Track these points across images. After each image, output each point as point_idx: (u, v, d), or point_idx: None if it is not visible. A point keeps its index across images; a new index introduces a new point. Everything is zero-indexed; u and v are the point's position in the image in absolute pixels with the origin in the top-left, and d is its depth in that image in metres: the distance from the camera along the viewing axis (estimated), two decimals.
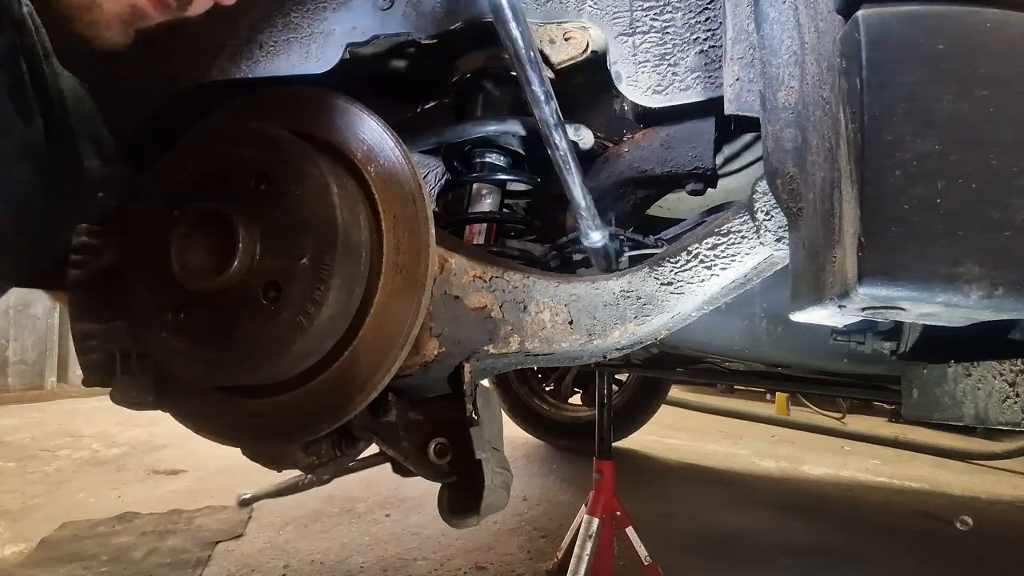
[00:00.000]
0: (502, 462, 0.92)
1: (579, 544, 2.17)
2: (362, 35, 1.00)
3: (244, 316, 0.77)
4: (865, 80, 0.57)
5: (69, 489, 3.19)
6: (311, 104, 0.91)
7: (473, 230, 1.11)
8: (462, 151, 1.14)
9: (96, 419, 4.75)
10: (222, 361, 0.78)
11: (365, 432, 0.88)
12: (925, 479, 4.08)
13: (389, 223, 0.85)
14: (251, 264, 0.76)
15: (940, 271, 0.55)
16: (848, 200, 0.59)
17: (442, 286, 0.91)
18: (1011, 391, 0.81)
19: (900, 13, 0.57)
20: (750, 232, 0.86)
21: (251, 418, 0.86)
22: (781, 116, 0.74)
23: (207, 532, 2.67)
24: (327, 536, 2.68)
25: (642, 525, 2.35)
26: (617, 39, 0.96)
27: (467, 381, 0.89)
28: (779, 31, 0.74)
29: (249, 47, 1.04)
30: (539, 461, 4.04)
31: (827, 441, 5.08)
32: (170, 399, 0.89)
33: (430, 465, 0.87)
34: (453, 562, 2.47)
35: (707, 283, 0.90)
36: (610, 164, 1.07)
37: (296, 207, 0.77)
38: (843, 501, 3.54)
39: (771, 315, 1.64)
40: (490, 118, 1.08)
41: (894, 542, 2.86)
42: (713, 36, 0.93)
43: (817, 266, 0.66)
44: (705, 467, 4.16)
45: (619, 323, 0.92)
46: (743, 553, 2.68)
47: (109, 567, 2.32)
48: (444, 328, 0.91)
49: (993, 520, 3.33)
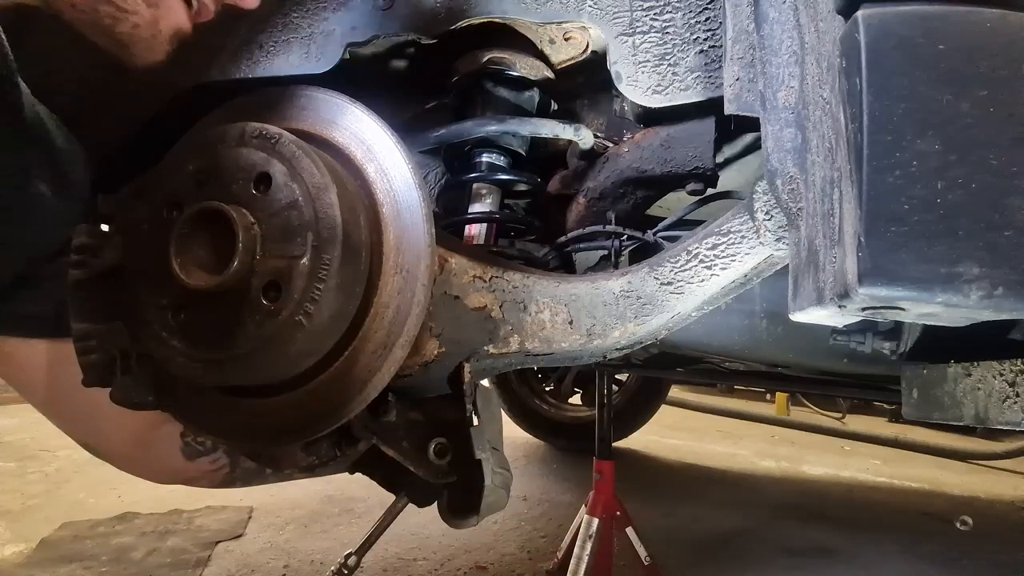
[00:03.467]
0: (502, 462, 0.93)
1: (579, 544, 2.17)
2: (362, 35, 1.00)
3: (244, 316, 0.77)
4: (865, 80, 0.57)
5: (69, 489, 3.19)
6: (311, 104, 0.91)
7: (473, 230, 1.11)
8: (462, 151, 1.14)
9: None
10: (222, 361, 0.78)
11: (365, 432, 0.88)
12: (925, 479, 4.08)
13: (389, 223, 0.85)
14: (251, 264, 0.76)
15: (940, 271, 0.55)
16: (848, 200, 0.59)
17: (442, 286, 0.91)
18: (1011, 391, 0.81)
19: (900, 13, 0.57)
20: (750, 232, 0.86)
21: (251, 418, 0.86)
22: (781, 116, 0.74)
23: (207, 532, 2.67)
24: (327, 536, 2.68)
25: (642, 525, 2.35)
26: (617, 39, 0.96)
27: (467, 381, 0.89)
28: (779, 31, 0.74)
29: (249, 47, 1.04)
30: (539, 461, 4.04)
31: (827, 441, 5.08)
32: (170, 399, 0.89)
33: (430, 465, 0.87)
34: (453, 562, 2.47)
35: (707, 283, 0.90)
36: (610, 164, 1.07)
37: (296, 207, 0.77)
38: (843, 501, 3.54)
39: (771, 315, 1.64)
40: (490, 118, 1.08)
41: (894, 542, 2.85)
42: (713, 36, 0.93)
43: (817, 266, 0.66)
44: (705, 467, 4.16)
45: (619, 323, 0.92)
46: (743, 553, 2.68)
47: (109, 567, 2.32)
48: (444, 328, 0.91)
49: (993, 520, 3.33)
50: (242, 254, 0.75)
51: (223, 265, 0.76)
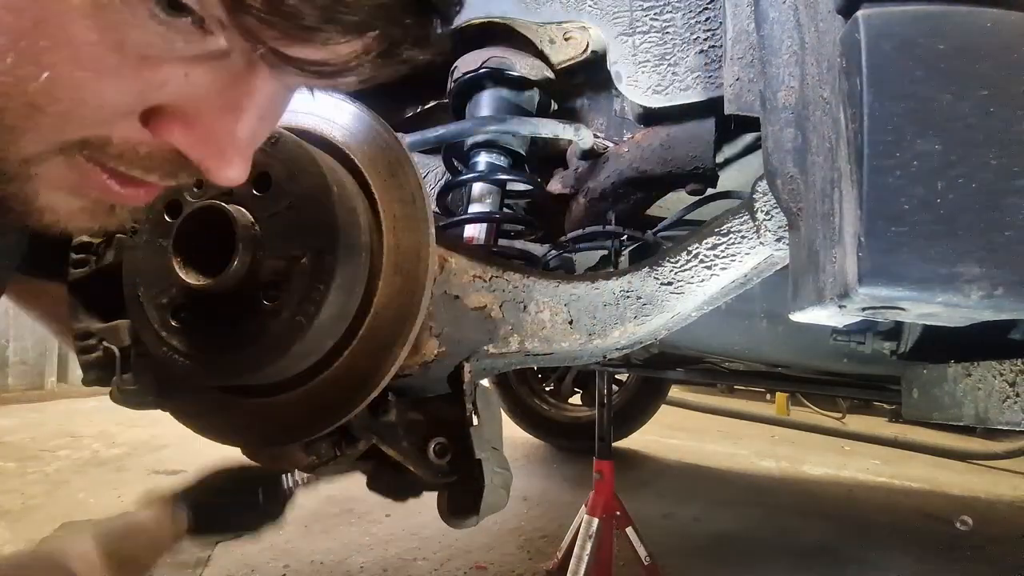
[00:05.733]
0: (502, 462, 0.92)
1: (579, 544, 2.17)
2: None
3: (244, 316, 0.77)
4: (865, 80, 0.57)
5: (69, 489, 3.19)
6: (310, 104, 0.91)
7: (473, 230, 1.11)
8: (462, 151, 1.14)
9: (96, 419, 4.75)
10: (222, 361, 0.78)
11: (365, 432, 0.87)
12: (925, 479, 4.08)
13: (389, 223, 0.85)
14: (251, 264, 0.76)
15: (940, 271, 0.55)
16: (848, 200, 0.59)
17: (442, 286, 0.91)
18: (1011, 391, 0.81)
19: (900, 13, 0.57)
20: (750, 232, 0.86)
21: (251, 418, 0.86)
22: (781, 116, 0.74)
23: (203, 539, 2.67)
24: (327, 536, 2.68)
25: (642, 525, 2.35)
26: (617, 39, 0.96)
27: (467, 381, 0.89)
28: (779, 31, 0.74)
29: None
30: (539, 461, 4.04)
31: (827, 441, 5.08)
32: (170, 399, 0.89)
33: (430, 465, 0.87)
34: (453, 562, 2.47)
35: (707, 283, 0.90)
36: (610, 164, 1.07)
37: (296, 207, 0.77)
38: (843, 501, 3.54)
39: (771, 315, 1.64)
40: (490, 118, 1.08)
41: (894, 542, 2.85)
42: (713, 36, 0.93)
43: (817, 266, 0.66)
44: (705, 467, 4.16)
45: (619, 323, 0.92)
46: (743, 553, 2.68)
47: None
48: (444, 328, 0.91)
49: (993, 520, 3.32)
50: (242, 254, 0.75)
51: (223, 265, 0.76)
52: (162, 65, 0.40)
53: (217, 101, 0.44)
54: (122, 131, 0.43)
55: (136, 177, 0.46)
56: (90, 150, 0.43)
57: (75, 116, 0.40)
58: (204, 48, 0.41)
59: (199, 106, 0.43)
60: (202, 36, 0.40)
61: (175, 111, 0.43)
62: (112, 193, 0.46)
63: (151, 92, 0.41)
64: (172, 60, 0.40)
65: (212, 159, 0.45)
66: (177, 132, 0.43)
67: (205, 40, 0.40)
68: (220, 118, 0.44)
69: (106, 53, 0.38)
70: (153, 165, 0.46)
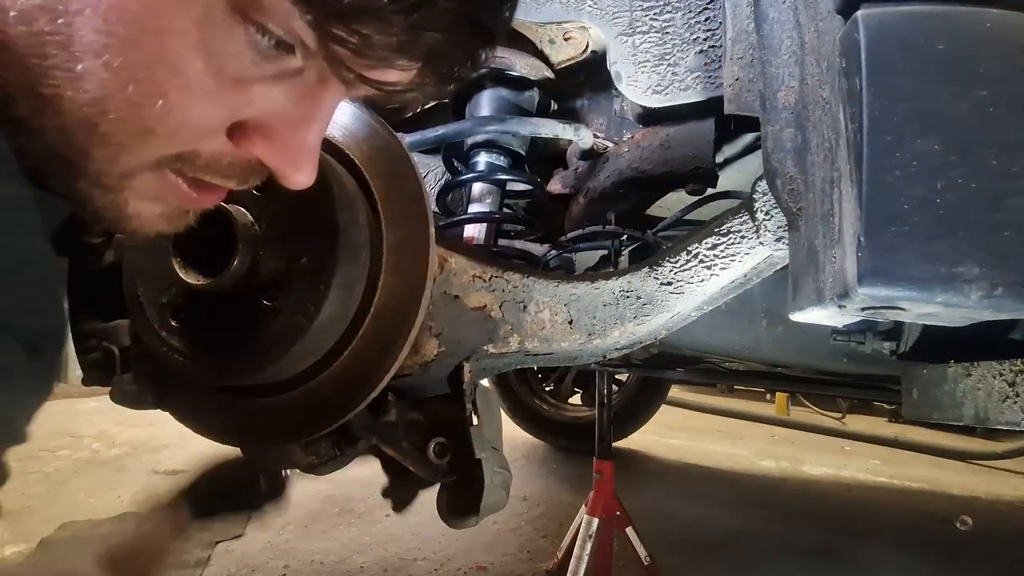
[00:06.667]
0: (502, 462, 0.92)
1: (579, 544, 2.17)
2: None
3: (244, 316, 0.77)
4: (865, 80, 0.57)
5: (69, 489, 3.19)
6: None
7: (473, 230, 1.11)
8: (462, 151, 1.14)
9: (96, 419, 4.75)
10: (222, 361, 0.78)
11: (365, 432, 0.87)
12: (925, 479, 4.08)
13: (389, 223, 0.85)
14: (251, 264, 0.76)
15: (940, 271, 0.55)
16: (848, 200, 0.59)
17: (442, 286, 0.91)
18: (1011, 391, 0.81)
19: (900, 13, 0.57)
20: (750, 232, 0.86)
21: (251, 418, 0.86)
22: (781, 116, 0.74)
23: (207, 532, 2.67)
24: (327, 536, 2.68)
25: (642, 525, 2.35)
26: (617, 39, 0.96)
27: (467, 381, 0.89)
28: (779, 31, 0.74)
29: None
30: (539, 461, 4.04)
31: (827, 441, 5.08)
32: (170, 399, 0.89)
33: (430, 465, 0.87)
34: (453, 562, 2.47)
35: (707, 283, 0.90)
36: (610, 164, 1.07)
37: (296, 207, 0.77)
38: (843, 501, 3.54)
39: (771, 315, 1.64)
40: (490, 118, 1.08)
41: (894, 542, 2.85)
42: (713, 36, 0.93)
43: (817, 266, 0.66)
44: (705, 467, 4.15)
45: (619, 323, 0.92)
46: (743, 553, 2.68)
47: None
48: (444, 328, 0.91)
49: (993, 520, 3.32)
50: (242, 254, 0.75)
51: (223, 265, 0.76)
52: (252, 85, 0.45)
53: (292, 113, 0.48)
54: (211, 145, 0.47)
55: (213, 184, 0.51)
56: (181, 163, 0.47)
57: (178, 135, 0.44)
58: (287, 67, 0.45)
59: (277, 118, 0.48)
60: (287, 57, 0.44)
61: (256, 124, 0.48)
62: (190, 199, 0.51)
63: (240, 109, 0.46)
64: (260, 80, 0.45)
65: (288, 166, 0.50)
66: (259, 144, 0.48)
67: (288, 60, 0.45)
68: (295, 128, 0.49)
69: (209, 80, 0.42)
70: (232, 173, 0.50)
